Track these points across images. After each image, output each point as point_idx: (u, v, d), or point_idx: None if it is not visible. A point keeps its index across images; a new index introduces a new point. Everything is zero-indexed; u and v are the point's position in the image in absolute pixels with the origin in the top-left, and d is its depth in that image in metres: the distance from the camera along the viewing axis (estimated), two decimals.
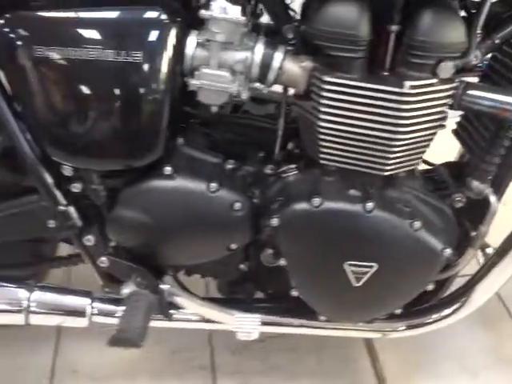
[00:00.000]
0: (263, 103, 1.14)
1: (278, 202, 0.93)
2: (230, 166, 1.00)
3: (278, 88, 1.01)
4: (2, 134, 0.93)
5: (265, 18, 1.02)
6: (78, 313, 1.03)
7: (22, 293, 1.01)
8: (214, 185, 0.94)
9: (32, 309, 1.01)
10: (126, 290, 0.95)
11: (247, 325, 0.93)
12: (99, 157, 0.91)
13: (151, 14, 0.86)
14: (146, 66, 0.86)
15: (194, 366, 1.29)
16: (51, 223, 1.01)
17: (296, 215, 0.91)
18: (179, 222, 0.96)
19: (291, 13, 0.96)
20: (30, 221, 1.00)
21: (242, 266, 1.06)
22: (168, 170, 0.93)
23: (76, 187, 0.94)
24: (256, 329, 0.93)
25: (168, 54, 0.87)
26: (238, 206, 0.95)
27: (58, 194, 0.96)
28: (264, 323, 0.97)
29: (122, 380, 1.27)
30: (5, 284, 1.02)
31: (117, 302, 1.05)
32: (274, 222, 0.92)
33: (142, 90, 0.87)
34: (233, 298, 1.11)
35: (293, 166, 1.00)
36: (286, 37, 0.93)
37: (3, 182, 0.99)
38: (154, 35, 0.86)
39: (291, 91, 1.00)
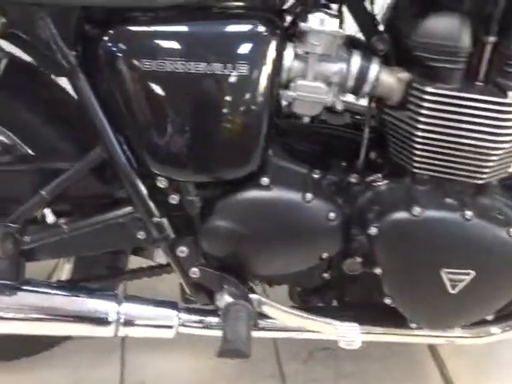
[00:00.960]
0: (338, 113, 1.17)
1: (373, 212, 0.95)
2: (316, 175, 1.01)
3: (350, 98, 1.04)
4: (99, 146, 0.94)
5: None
6: (166, 324, 1.04)
7: (111, 305, 1.01)
8: (309, 195, 0.95)
9: (122, 320, 1.02)
10: (222, 300, 0.96)
11: (349, 334, 0.94)
12: (201, 169, 0.93)
13: (253, 27, 0.88)
14: (250, 79, 0.87)
15: (266, 376, 1.30)
16: (141, 235, 1.02)
17: (396, 224, 0.92)
18: (274, 232, 0.97)
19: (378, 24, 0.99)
20: (120, 233, 1.01)
21: (325, 275, 1.07)
22: (265, 180, 0.94)
23: (174, 199, 0.95)
24: (359, 337, 0.94)
25: (271, 66, 0.88)
26: (332, 215, 0.96)
27: (153, 206, 0.97)
28: (363, 332, 0.97)
29: None
30: (93, 296, 1.03)
31: (202, 312, 1.07)
32: (373, 231, 0.93)
33: (245, 102, 0.88)
34: (313, 306, 1.12)
35: (379, 174, 1.02)
36: (375, 48, 0.95)
37: (97, 194, 1.00)
38: (258, 48, 0.87)
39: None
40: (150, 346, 1.35)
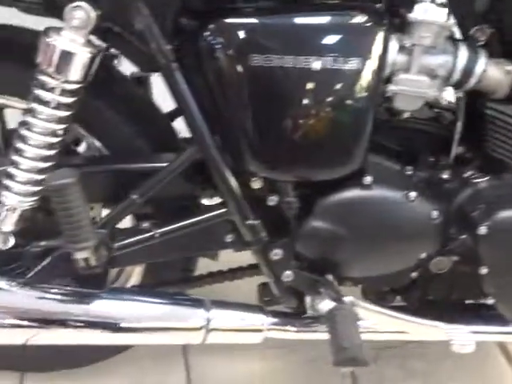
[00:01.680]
0: None
1: (479, 210, 0.92)
2: (408, 172, 0.98)
3: None
4: (193, 145, 0.89)
5: None
6: (254, 328, 1.00)
7: (199, 311, 0.97)
8: (413, 193, 0.92)
9: (211, 327, 0.98)
10: (323, 304, 0.92)
11: (460, 336, 0.91)
12: (305, 168, 0.89)
13: (362, 18, 0.83)
14: (358, 73, 0.83)
15: (336, 376, 1.27)
16: (229, 238, 0.98)
17: (509, 223, 0.89)
18: (375, 232, 0.93)
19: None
20: (208, 237, 0.97)
21: (413, 274, 1.04)
22: (368, 179, 0.91)
23: (272, 200, 0.91)
24: (471, 339, 0.91)
25: (378, 59, 0.84)
26: (435, 214, 0.93)
27: (248, 208, 0.93)
28: (474, 332, 0.95)
29: None
30: (180, 302, 0.98)
31: (289, 316, 1.03)
32: (482, 230, 0.90)
33: (352, 98, 0.84)
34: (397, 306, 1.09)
35: (474, 170, 0.99)
36: (476, 39, 0.92)
37: (183, 196, 0.95)
38: (368, 40, 0.83)
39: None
40: (212, 350, 1.31)
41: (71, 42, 0.80)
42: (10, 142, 1.04)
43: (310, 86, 0.82)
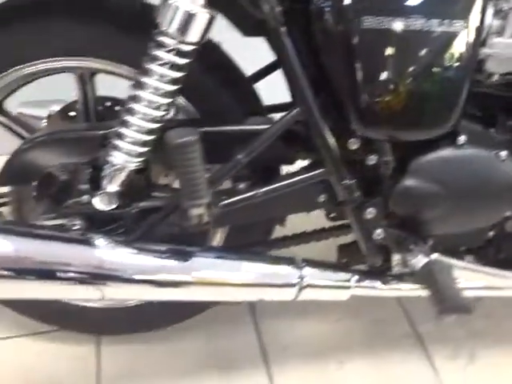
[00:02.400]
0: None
1: None
2: (494, 133, 1.01)
3: None
4: (297, 107, 0.92)
5: None
6: (342, 286, 1.04)
7: (292, 269, 1.01)
8: (503, 153, 0.96)
9: (304, 284, 1.01)
10: (417, 260, 0.96)
11: None
12: (408, 128, 0.91)
13: None
14: (461, 35, 0.86)
15: (400, 336, 1.31)
16: (322, 198, 1.01)
17: None
18: (465, 191, 0.97)
19: None
20: (303, 197, 1.00)
21: (490, 234, 1.09)
22: (462, 139, 0.95)
23: (372, 159, 0.95)
24: None
25: (478, 23, 0.87)
26: None
27: (344, 168, 0.96)
28: None
29: (336, 350, 1.27)
30: (273, 261, 1.02)
31: (374, 274, 1.07)
32: None
33: (455, 59, 0.87)
34: None
35: None
36: None
37: (279, 158, 0.99)
38: (471, 4, 0.86)
39: None
40: (279, 312, 1.35)
41: (192, 3, 0.82)
42: (98, 108, 1.10)
43: (416, 47, 0.85)
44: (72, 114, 1.12)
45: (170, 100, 0.89)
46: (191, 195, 0.86)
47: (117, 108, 1.10)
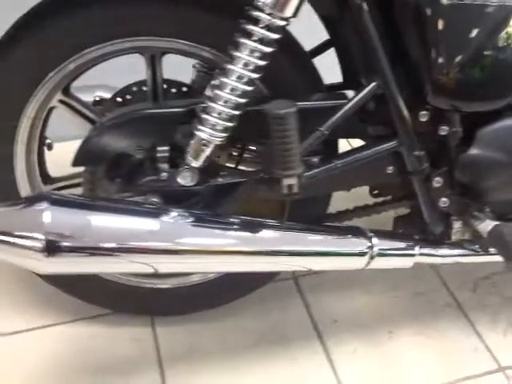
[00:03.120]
0: None
1: None
2: None
3: None
4: (375, 80, 0.96)
5: None
6: (407, 254, 1.09)
7: (362, 238, 1.05)
8: None
9: (374, 253, 1.05)
10: (484, 224, 1.02)
11: None
12: (481, 99, 0.97)
13: None
14: None
15: (442, 305, 1.37)
16: (390, 169, 1.06)
17: None
18: None
19: None
20: (373, 169, 1.05)
21: None
22: None
23: (444, 130, 1.00)
24: None
25: None
26: None
27: (416, 140, 1.01)
28: None
29: (383, 321, 1.32)
30: (343, 231, 1.06)
31: (436, 242, 1.12)
32: None
33: None
34: None
35: None
36: None
37: (359, 130, 1.03)
38: None
39: None
40: (323, 287, 1.40)
41: None
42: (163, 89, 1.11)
43: (492, 22, 0.91)
44: (128, 97, 1.15)
45: (258, 75, 0.92)
46: (285, 165, 0.89)
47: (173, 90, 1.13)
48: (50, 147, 1.13)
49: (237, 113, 0.93)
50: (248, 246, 0.98)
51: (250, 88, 0.92)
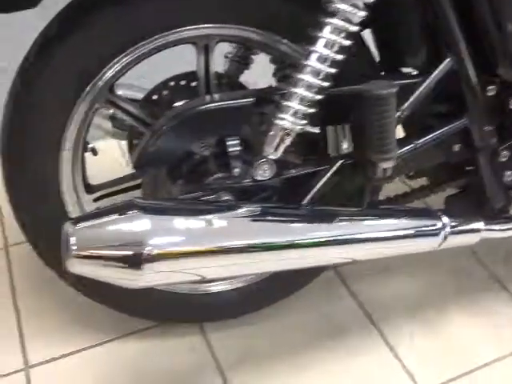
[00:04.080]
0: None
1: None
2: None
3: None
4: (450, 58, 0.95)
5: None
6: (474, 230, 1.08)
7: (434, 219, 1.03)
8: None
9: (446, 232, 1.04)
10: None
11: None
12: None
13: None
14: None
15: (481, 280, 1.38)
16: (456, 148, 1.05)
17: None
18: None
19: None
20: (442, 147, 1.03)
21: None
22: None
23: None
24: None
25: None
26: None
27: (486, 115, 1.00)
28: None
29: (428, 300, 1.32)
30: (414, 212, 1.03)
31: (498, 218, 1.12)
32: None
33: None
34: None
35: None
36: None
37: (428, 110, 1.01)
38: None
39: None
40: (365, 274, 1.38)
41: None
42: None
43: None
44: (166, 93, 1.08)
45: (343, 56, 0.88)
46: (383, 148, 0.86)
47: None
48: (94, 152, 1.04)
49: (319, 97, 0.89)
50: (342, 235, 0.93)
51: (333, 70, 0.88)
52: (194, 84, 1.07)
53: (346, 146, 1.04)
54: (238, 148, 0.95)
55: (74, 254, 0.74)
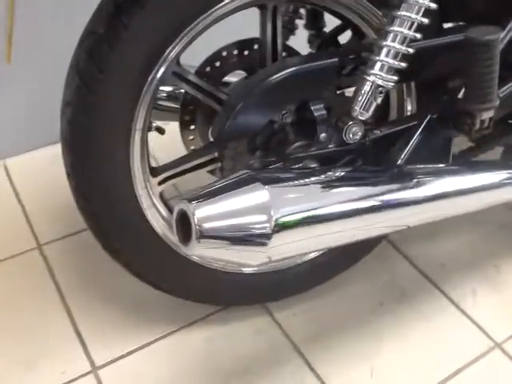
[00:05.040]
0: None
1: None
2: None
3: None
4: None
5: None
6: None
7: None
8: None
9: None
10: None
11: None
12: None
13: None
14: None
15: None
16: None
17: None
18: None
19: None
20: None
21: None
22: None
23: None
24: None
25: None
26: None
27: None
28: None
29: (484, 257, 1.31)
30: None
31: None
32: None
33: None
34: None
35: None
36: None
37: None
38: None
39: None
40: (415, 237, 1.36)
41: None
42: None
43: None
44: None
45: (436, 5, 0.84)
46: (485, 98, 0.83)
47: None
48: (161, 131, 0.97)
49: (411, 51, 0.86)
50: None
51: (426, 20, 0.84)
52: (255, 52, 1.01)
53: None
54: (324, 112, 0.90)
55: (199, 235, 0.68)
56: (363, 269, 1.27)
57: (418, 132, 0.91)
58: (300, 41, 1.14)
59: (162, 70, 0.87)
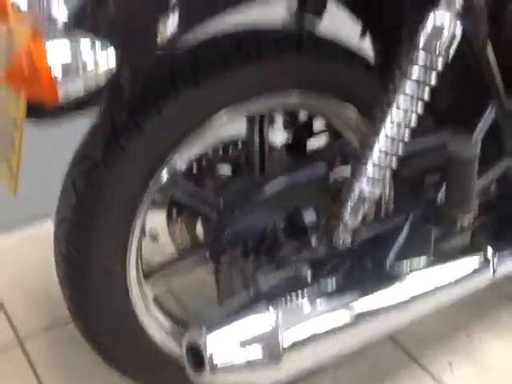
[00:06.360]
0: None
1: None
2: None
3: None
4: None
5: None
6: None
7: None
8: None
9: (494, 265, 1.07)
10: None
11: None
12: None
13: None
14: None
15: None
16: None
17: None
18: None
19: None
20: None
21: None
22: None
23: None
24: None
25: None
26: None
27: None
28: None
29: (461, 327, 1.36)
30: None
31: None
32: None
33: None
34: None
35: None
36: None
37: None
38: None
39: None
40: None
41: None
42: None
43: None
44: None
45: None
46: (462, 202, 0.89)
47: None
48: (154, 238, 0.97)
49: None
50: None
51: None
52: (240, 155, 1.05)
53: None
54: (315, 218, 0.94)
55: (211, 369, 0.70)
56: None
57: (404, 230, 0.96)
58: None
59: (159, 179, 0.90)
